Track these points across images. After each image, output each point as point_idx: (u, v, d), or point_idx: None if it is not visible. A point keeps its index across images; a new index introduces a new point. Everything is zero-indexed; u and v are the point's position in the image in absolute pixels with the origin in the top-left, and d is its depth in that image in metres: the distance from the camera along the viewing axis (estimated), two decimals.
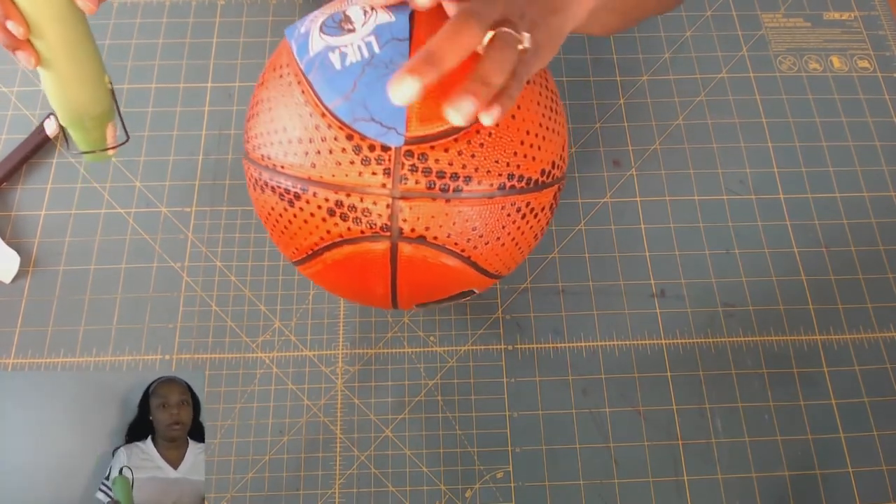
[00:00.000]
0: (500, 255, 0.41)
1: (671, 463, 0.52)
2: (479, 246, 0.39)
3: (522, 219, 0.40)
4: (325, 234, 0.38)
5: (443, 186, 0.37)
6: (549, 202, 0.42)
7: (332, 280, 0.43)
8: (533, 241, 0.43)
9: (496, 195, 0.38)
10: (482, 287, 0.45)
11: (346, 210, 0.37)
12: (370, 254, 0.38)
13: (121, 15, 0.67)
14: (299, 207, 0.38)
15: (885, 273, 0.58)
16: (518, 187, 0.39)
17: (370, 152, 0.36)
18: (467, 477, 0.51)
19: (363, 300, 0.46)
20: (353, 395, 0.54)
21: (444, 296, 0.43)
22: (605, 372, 0.54)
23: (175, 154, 0.61)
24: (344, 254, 0.39)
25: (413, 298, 0.43)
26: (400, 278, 0.40)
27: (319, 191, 0.37)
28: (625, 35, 0.67)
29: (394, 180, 0.36)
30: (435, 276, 0.40)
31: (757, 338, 0.56)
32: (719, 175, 0.61)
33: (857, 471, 0.52)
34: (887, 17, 0.69)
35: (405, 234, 0.37)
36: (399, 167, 0.36)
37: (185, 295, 0.56)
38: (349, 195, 0.37)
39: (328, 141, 0.37)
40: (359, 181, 0.36)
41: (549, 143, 0.41)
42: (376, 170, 0.36)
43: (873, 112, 0.64)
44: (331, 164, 0.37)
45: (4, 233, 0.58)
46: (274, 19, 0.67)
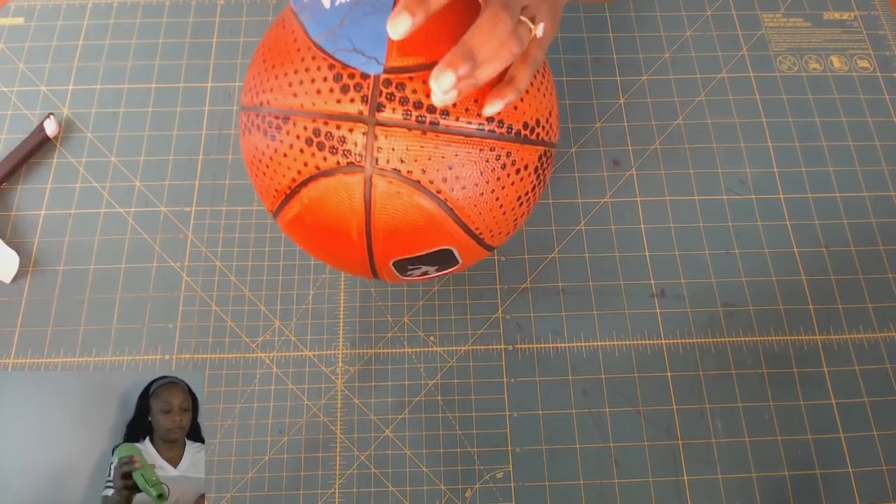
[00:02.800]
0: (479, 209, 0.40)
1: (671, 463, 0.52)
2: (457, 190, 0.39)
3: (503, 169, 0.40)
4: (302, 168, 0.39)
5: (419, 118, 0.37)
6: (533, 162, 0.42)
7: (308, 227, 0.42)
8: (516, 203, 0.43)
9: (474, 134, 0.38)
10: (466, 252, 0.44)
11: (323, 139, 0.38)
12: (345, 188, 0.38)
13: (121, 15, 0.67)
14: (280, 140, 0.39)
15: (885, 273, 0.58)
16: (497, 132, 0.39)
17: (349, 80, 0.37)
18: (467, 477, 0.51)
19: (339, 254, 0.44)
20: (353, 395, 0.54)
21: (421, 249, 0.42)
22: (605, 372, 0.54)
23: (175, 154, 0.61)
24: (319, 190, 0.39)
25: (388, 248, 0.42)
26: (374, 219, 0.39)
27: (299, 119, 0.38)
28: (625, 35, 0.67)
29: (371, 108, 0.37)
30: (410, 220, 0.39)
31: (757, 338, 0.56)
32: (719, 175, 0.61)
33: (857, 471, 0.52)
34: (887, 17, 0.69)
35: (380, 164, 0.37)
36: (377, 94, 0.37)
37: (185, 295, 0.56)
38: (326, 123, 0.37)
39: (311, 71, 0.38)
40: (336, 108, 0.37)
41: (534, 100, 0.41)
42: (354, 97, 0.37)
43: (873, 112, 0.64)
44: (311, 93, 0.38)
45: (4, 233, 0.58)
46: (274, 19, 0.67)
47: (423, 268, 0.45)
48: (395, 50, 0.37)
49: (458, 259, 0.45)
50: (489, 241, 0.44)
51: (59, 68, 0.64)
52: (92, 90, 0.64)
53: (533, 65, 0.39)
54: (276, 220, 0.44)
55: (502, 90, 0.38)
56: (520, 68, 0.39)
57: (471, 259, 0.46)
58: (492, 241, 0.44)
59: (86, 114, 0.63)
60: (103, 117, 0.63)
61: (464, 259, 0.45)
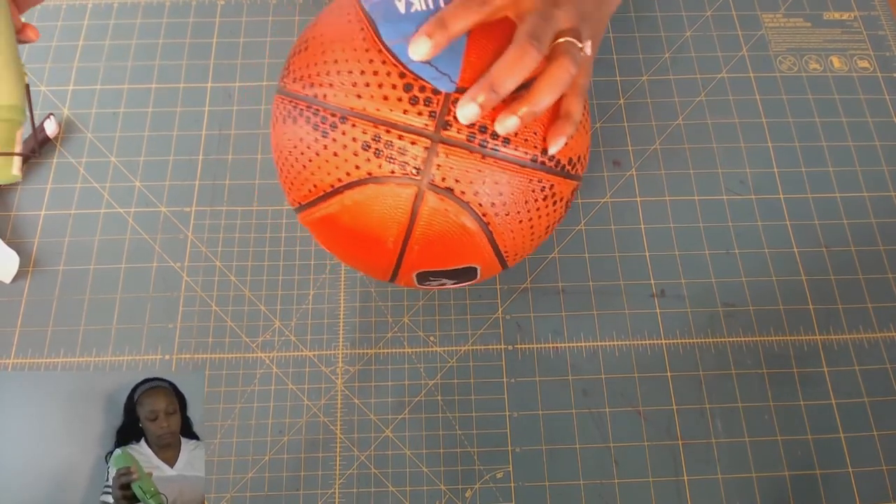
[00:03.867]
0: (514, 234, 0.41)
1: (671, 463, 0.52)
2: (500, 215, 0.39)
3: (544, 200, 0.40)
4: (352, 170, 0.38)
5: (482, 142, 0.37)
6: (567, 195, 0.43)
7: (342, 227, 0.41)
8: (544, 232, 0.43)
9: (528, 165, 0.39)
10: (487, 269, 0.44)
11: (382, 146, 0.37)
12: (394, 197, 0.38)
13: (121, 15, 0.67)
14: (332, 138, 0.38)
15: (885, 273, 0.58)
16: (548, 165, 0.40)
17: (420, 93, 0.37)
18: (467, 477, 0.51)
19: (362, 257, 0.44)
20: (353, 395, 0.54)
21: (451, 264, 0.42)
22: (605, 372, 0.54)
23: (175, 154, 0.61)
24: (366, 194, 0.38)
25: (420, 260, 0.42)
26: (415, 231, 0.39)
27: (359, 122, 0.37)
28: (625, 35, 0.67)
29: (437, 124, 0.37)
30: (450, 237, 0.40)
31: (757, 338, 0.56)
32: (719, 175, 0.61)
33: (857, 471, 0.52)
34: (887, 17, 0.69)
35: (435, 181, 0.37)
36: (445, 112, 0.37)
37: (185, 295, 0.56)
38: (389, 131, 0.37)
39: (380, 75, 0.37)
40: (402, 119, 0.37)
41: (580, 136, 0.42)
42: (422, 110, 0.37)
43: (873, 112, 0.64)
44: (378, 98, 0.37)
45: (4, 233, 0.58)
46: (274, 19, 0.67)
47: (443, 280, 0.45)
48: (469, 69, 0.37)
49: (478, 275, 0.45)
50: (510, 261, 0.45)
51: (59, 68, 0.64)
52: (92, 90, 0.64)
53: (582, 94, 0.40)
54: (302, 213, 0.43)
55: (563, 126, 0.38)
56: (572, 100, 0.39)
57: (487, 275, 0.46)
58: (510, 261, 0.45)
59: (86, 114, 0.63)
60: (103, 117, 0.63)
61: (483, 275, 0.45)
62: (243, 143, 0.62)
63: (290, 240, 0.58)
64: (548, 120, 0.39)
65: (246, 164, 0.61)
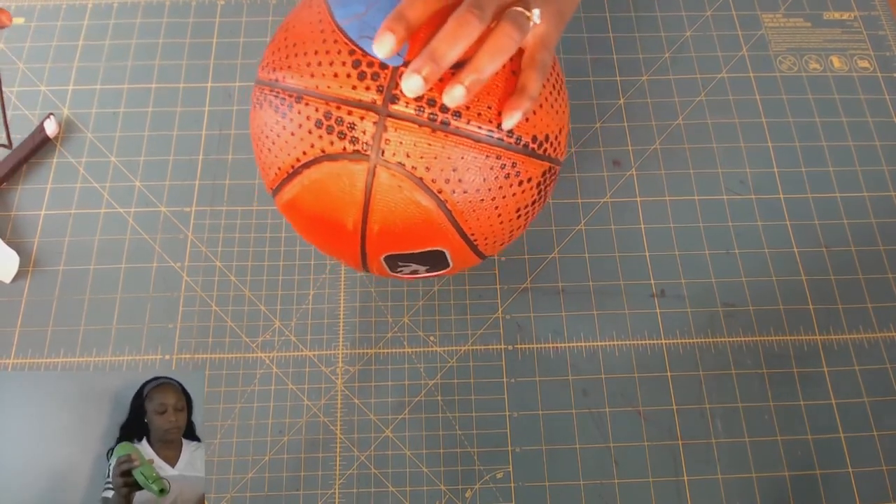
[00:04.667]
0: (477, 215, 0.40)
1: (671, 463, 0.52)
2: (458, 192, 0.39)
3: (506, 179, 0.40)
4: (307, 148, 0.39)
5: (431, 115, 0.37)
6: (536, 176, 0.42)
7: (305, 210, 0.42)
8: (514, 215, 0.42)
9: (484, 140, 0.38)
10: (458, 256, 0.44)
11: (333, 123, 0.38)
12: (347, 175, 0.38)
13: (121, 15, 0.67)
14: (290, 118, 0.39)
15: (885, 273, 0.58)
16: (507, 142, 0.39)
17: (368, 68, 0.37)
18: (467, 477, 0.51)
19: (332, 240, 0.44)
20: (353, 395, 0.54)
21: (414, 247, 0.42)
22: (605, 372, 0.54)
23: (175, 154, 0.61)
24: (322, 172, 0.39)
25: (382, 242, 0.42)
26: (372, 210, 0.39)
27: (312, 101, 0.38)
28: (625, 35, 0.67)
29: (385, 98, 0.37)
30: (407, 216, 0.39)
31: (757, 338, 0.56)
32: (719, 175, 0.61)
33: (857, 471, 0.52)
34: (887, 17, 0.69)
35: (385, 156, 0.37)
36: (392, 86, 0.37)
37: (185, 295, 0.56)
38: (339, 107, 0.38)
39: (331, 54, 0.38)
40: (351, 94, 0.37)
41: (546, 116, 0.41)
42: (370, 85, 0.37)
43: (873, 112, 0.64)
44: (329, 76, 0.38)
45: (4, 233, 0.58)
46: (274, 19, 0.67)
47: (413, 266, 0.45)
48: (417, 42, 0.37)
49: (450, 262, 0.45)
50: (483, 248, 0.44)
51: (59, 68, 0.64)
52: (92, 90, 0.64)
53: (541, 69, 0.39)
54: (275, 199, 0.44)
55: (517, 100, 0.38)
56: (529, 74, 0.39)
57: (462, 264, 0.46)
58: (485, 249, 0.44)
59: (86, 114, 0.63)
60: (103, 117, 0.63)
61: (455, 263, 0.45)
62: (243, 143, 0.62)
63: (290, 240, 0.58)
64: (504, 94, 0.39)
65: (246, 164, 0.61)
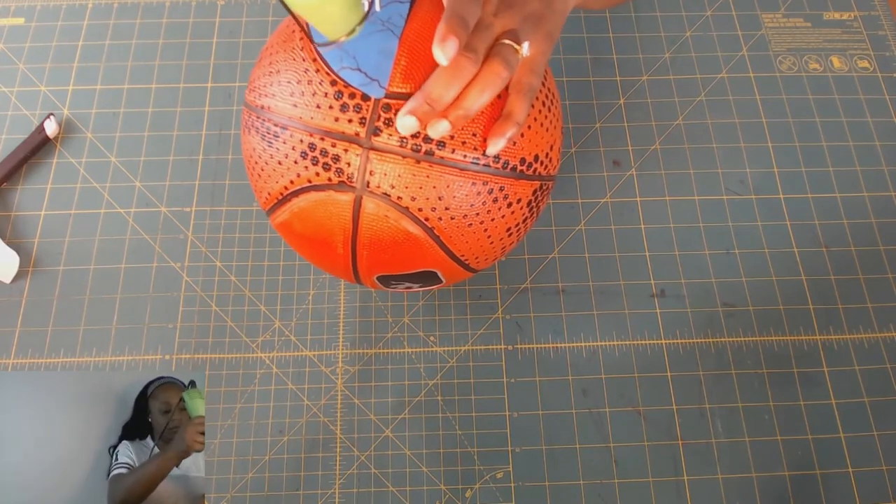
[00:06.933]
0: (466, 238, 0.40)
1: (671, 463, 0.52)
2: (445, 219, 0.39)
3: (495, 203, 0.40)
4: (294, 178, 0.39)
5: (415, 146, 0.37)
6: (526, 196, 0.41)
7: (296, 233, 0.42)
8: (505, 234, 0.42)
9: (469, 168, 0.38)
10: (450, 274, 0.44)
11: (318, 154, 0.37)
12: (334, 204, 0.38)
13: (121, 15, 0.67)
14: (276, 148, 0.39)
15: (885, 273, 0.58)
16: (493, 167, 0.39)
17: (350, 99, 0.37)
18: (467, 477, 0.51)
19: (324, 261, 0.45)
20: (353, 395, 0.54)
21: (404, 269, 0.42)
22: (605, 372, 0.54)
23: (175, 154, 0.61)
24: (310, 201, 0.39)
25: (372, 265, 0.42)
26: (360, 237, 0.39)
27: (296, 132, 0.38)
28: (625, 35, 0.67)
29: (368, 130, 0.37)
30: (395, 243, 0.39)
31: (757, 338, 0.56)
32: (719, 175, 0.61)
33: (857, 471, 0.52)
34: (887, 17, 0.69)
35: (371, 188, 0.37)
36: (375, 118, 0.37)
37: (185, 295, 0.56)
38: (323, 139, 0.37)
39: (313, 84, 0.38)
40: (334, 126, 0.37)
41: (536, 135, 0.40)
42: (353, 117, 0.37)
43: (873, 112, 0.64)
44: (311, 107, 0.37)
45: (4, 233, 0.58)
46: (274, 19, 0.67)
47: (406, 283, 0.45)
48: (398, 75, 0.37)
49: (442, 279, 0.45)
50: (474, 265, 0.44)
51: (59, 69, 0.64)
52: (92, 90, 0.64)
53: (528, 93, 0.39)
54: (269, 218, 0.45)
55: (502, 126, 0.37)
56: (515, 100, 0.38)
57: (454, 279, 0.46)
58: (476, 266, 0.44)
59: (86, 114, 0.63)
60: (103, 118, 0.63)
61: (447, 279, 0.45)
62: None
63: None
64: (489, 120, 0.38)
65: None
